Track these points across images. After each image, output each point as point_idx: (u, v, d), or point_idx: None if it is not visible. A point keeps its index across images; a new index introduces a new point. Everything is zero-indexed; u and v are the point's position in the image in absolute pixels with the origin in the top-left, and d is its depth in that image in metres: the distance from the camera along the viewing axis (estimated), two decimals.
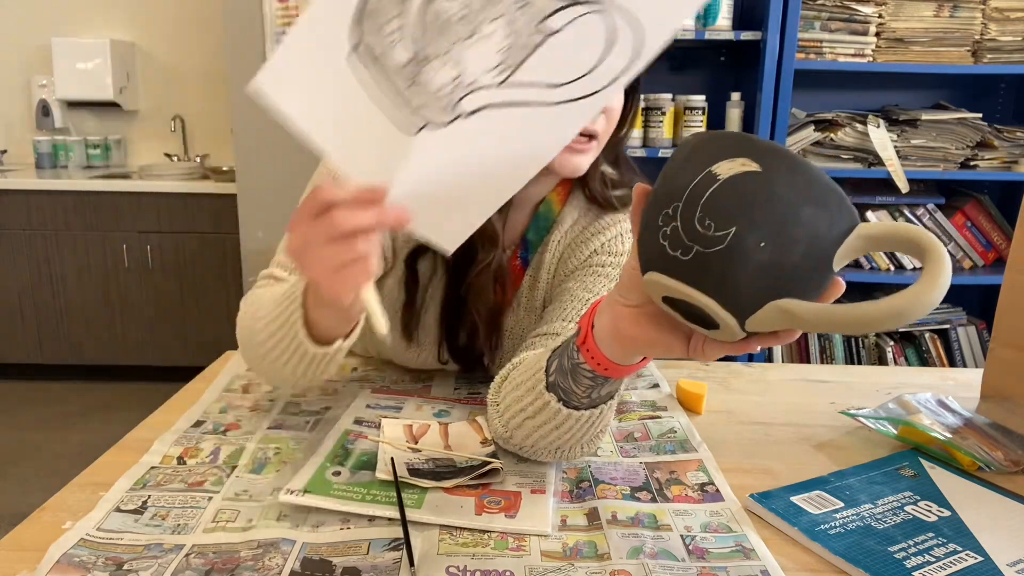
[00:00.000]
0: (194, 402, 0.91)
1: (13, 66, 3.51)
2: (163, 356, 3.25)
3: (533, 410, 0.71)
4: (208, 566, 0.59)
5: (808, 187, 0.48)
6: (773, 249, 0.47)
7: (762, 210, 0.47)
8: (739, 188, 0.48)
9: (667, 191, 0.51)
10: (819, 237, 0.48)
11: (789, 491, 0.72)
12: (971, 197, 2.54)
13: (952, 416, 0.88)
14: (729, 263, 0.48)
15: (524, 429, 0.73)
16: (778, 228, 0.47)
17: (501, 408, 0.76)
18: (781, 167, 0.48)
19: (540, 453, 0.75)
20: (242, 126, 2.84)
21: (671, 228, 0.50)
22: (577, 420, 0.69)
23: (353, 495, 0.68)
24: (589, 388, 0.66)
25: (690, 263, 0.49)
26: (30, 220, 3.12)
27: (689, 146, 0.53)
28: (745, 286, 0.48)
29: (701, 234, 0.48)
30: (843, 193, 0.49)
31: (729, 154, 0.49)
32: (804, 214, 0.47)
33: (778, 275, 0.48)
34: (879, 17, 2.33)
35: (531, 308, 0.93)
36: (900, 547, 0.63)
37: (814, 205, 0.48)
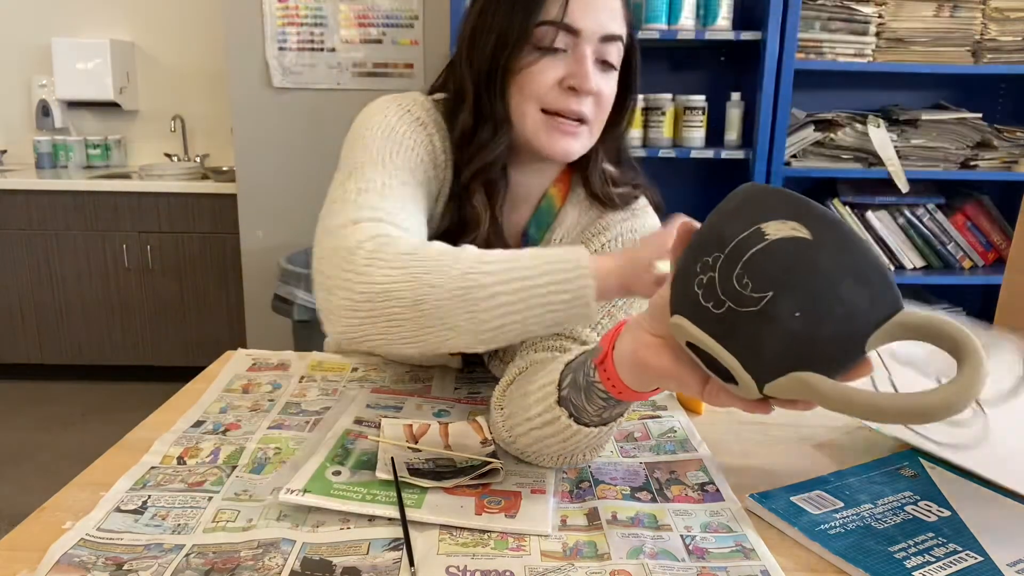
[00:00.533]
0: (194, 402, 0.91)
1: (13, 66, 3.51)
2: (163, 356, 3.25)
3: (541, 422, 0.71)
4: (208, 566, 0.59)
5: (855, 264, 0.47)
6: (806, 321, 0.46)
7: (803, 280, 0.47)
8: (784, 253, 0.47)
9: (711, 238, 0.51)
10: (856, 317, 0.47)
11: (789, 491, 0.72)
12: (971, 197, 2.53)
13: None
14: (759, 327, 0.47)
15: (529, 438, 0.73)
16: (815, 301, 0.46)
17: (506, 413, 0.76)
18: (831, 239, 0.47)
19: (542, 460, 0.75)
20: (242, 126, 2.84)
21: (707, 278, 0.49)
22: (586, 436, 0.70)
23: (353, 495, 0.68)
24: (601, 408, 0.67)
25: (720, 318, 0.49)
26: (30, 220, 3.12)
27: (742, 196, 0.52)
28: (770, 353, 0.48)
29: (737, 292, 0.48)
30: (889, 275, 0.48)
31: (782, 215, 0.48)
32: (844, 291, 0.46)
33: (806, 348, 0.47)
34: (879, 17, 2.33)
35: None
36: (900, 547, 0.63)
37: (857, 283, 0.47)
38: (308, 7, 2.77)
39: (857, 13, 2.32)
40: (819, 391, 0.47)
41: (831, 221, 0.48)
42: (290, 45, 2.79)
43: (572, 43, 0.80)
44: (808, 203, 0.49)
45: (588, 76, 0.79)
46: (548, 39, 0.79)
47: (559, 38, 0.79)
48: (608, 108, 0.85)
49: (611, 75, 0.84)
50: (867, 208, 2.48)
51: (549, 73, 0.80)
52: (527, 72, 0.81)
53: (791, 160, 2.41)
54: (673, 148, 2.41)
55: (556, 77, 0.80)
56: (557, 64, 0.80)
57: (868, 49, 2.35)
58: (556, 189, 0.93)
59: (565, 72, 0.80)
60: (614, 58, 0.83)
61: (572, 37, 0.80)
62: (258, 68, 2.81)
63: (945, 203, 2.50)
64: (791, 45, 2.28)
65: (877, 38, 2.35)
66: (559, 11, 0.78)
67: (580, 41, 0.80)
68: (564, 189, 0.93)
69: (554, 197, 0.92)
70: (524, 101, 0.82)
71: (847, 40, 2.34)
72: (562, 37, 0.79)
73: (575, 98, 0.80)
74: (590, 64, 0.80)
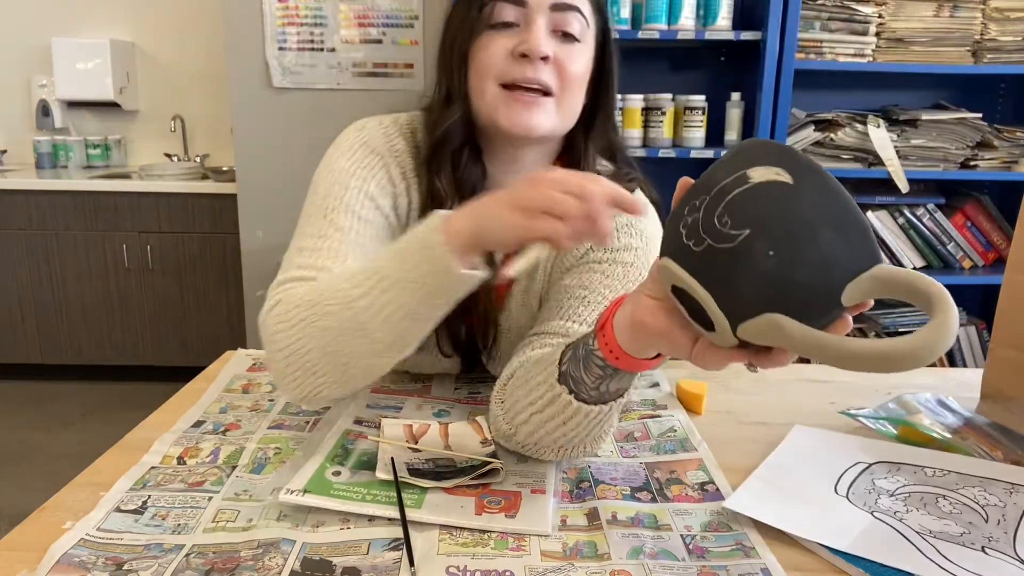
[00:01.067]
0: (194, 402, 0.91)
1: (13, 66, 3.51)
2: (163, 356, 3.25)
3: (543, 404, 0.71)
4: (208, 566, 0.59)
5: (834, 213, 0.48)
6: (780, 262, 0.47)
7: (780, 221, 0.47)
8: (765, 195, 0.48)
9: (701, 184, 0.52)
10: (831, 265, 0.47)
11: None
12: (971, 197, 2.54)
13: (952, 416, 0.88)
14: (734, 263, 0.48)
15: (530, 424, 0.73)
16: (791, 243, 0.47)
17: (507, 405, 0.76)
18: (814, 186, 0.48)
19: (544, 451, 0.75)
20: (242, 126, 2.84)
21: (692, 218, 0.51)
22: (586, 416, 0.69)
23: (353, 495, 0.68)
24: (599, 379, 0.66)
25: (699, 255, 0.50)
26: (30, 220, 3.12)
27: (736, 147, 0.53)
28: (744, 290, 0.48)
29: (716, 229, 0.49)
30: (868, 227, 0.48)
31: (768, 161, 0.49)
32: (821, 238, 0.47)
33: (779, 289, 0.47)
34: (879, 17, 2.33)
35: (527, 306, 0.92)
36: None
37: (835, 232, 0.47)
38: (308, 7, 2.77)
39: (857, 13, 2.32)
40: (790, 335, 0.47)
41: (815, 170, 0.49)
42: (290, 45, 2.79)
43: (523, 15, 0.81)
44: (795, 153, 0.50)
45: (536, 40, 0.79)
46: (497, 14, 0.81)
47: (508, 11, 0.80)
48: (576, 82, 0.83)
49: (574, 46, 0.82)
50: (867, 208, 2.48)
51: (498, 47, 0.81)
52: (480, 50, 0.82)
53: None
54: (673, 148, 2.41)
55: (507, 48, 0.80)
56: (508, 37, 0.81)
57: (868, 49, 2.35)
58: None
59: (516, 42, 0.80)
60: (575, 28, 0.82)
61: (521, 9, 0.80)
62: (258, 68, 2.81)
63: (945, 203, 2.50)
64: (791, 45, 2.28)
65: (877, 38, 2.35)
66: None
67: (529, 11, 0.80)
68: None
69: None
70: (481, 78, 0.82)
71: (847, 40, 2.34)
72: (510, 10, 0.80)
73: (530, 65, 0.79)
74: (540, 30, 0.80)
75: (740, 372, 1.07)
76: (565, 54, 0.81)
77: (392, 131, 0.88)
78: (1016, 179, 2.40)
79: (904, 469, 0.75)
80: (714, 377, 1.04)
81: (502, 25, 0.81)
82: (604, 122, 0.90)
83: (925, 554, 0.61)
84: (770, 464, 0.77)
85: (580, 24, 0.82)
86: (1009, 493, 0.70)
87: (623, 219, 0.90)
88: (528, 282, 0.92)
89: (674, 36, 2.32)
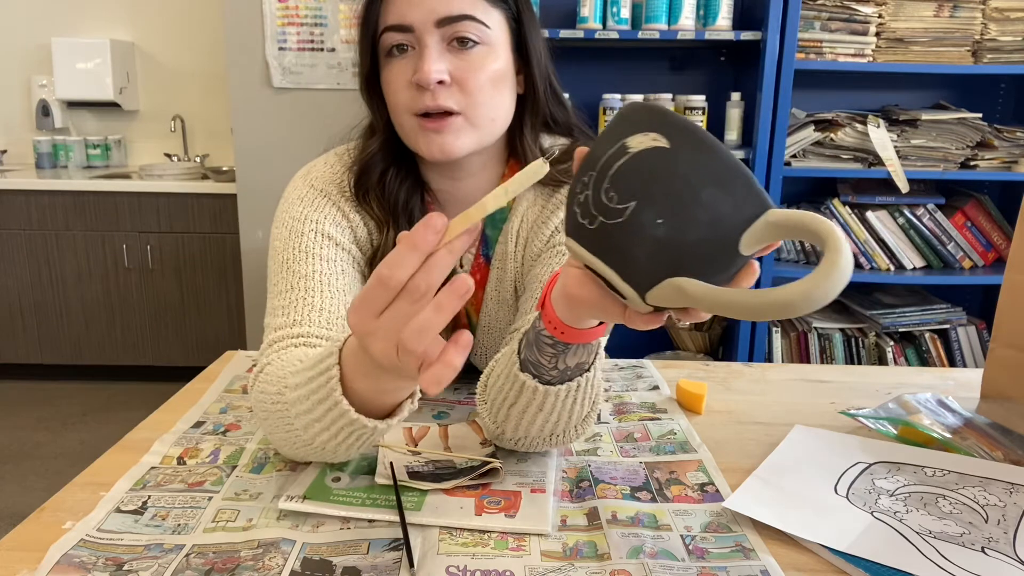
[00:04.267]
0: (194, 402, 0.91)
1: (13, 66, 3.51)
2: (163, 356, 3.25)
3: (513, 395, 0.70)
4: (208, 566, 0.59)
5: (712, 168, 0.48)
6: (670, 227, 0.47)
7: (662, 187, 0.48)
8: (644, 163, 0.49)
9: (589, 158, 0.52)
10: (721, 221, 0.47)
11: None
12: (971, 197, 2.54)
13: (952, 416, 0.88)
14: (627, 237, 0.49)
15: (511, 420, 0.72)
16: (676, 206, 0.47)
17: (489, 404, 0.75)
18: (688, 146, 0.48)
19: (535, 442, 0.74)
20: (242, 126, 2.84)
21: (584, 196, 0.51)
22: (556, 397, 0.68)
23: (353, 500, 0.68)
24: (553, 357, 0.66)
25: (595, 233, 0.50)
26: (30, 220, 3.12)
27: (616, 115, 0.53)
28: (642, 261, 0.49)
29: (605, 206, 0.49)
30: (751, 178, 0.49)
31: (644, 128, 0.50)
32: (705, 195, 0.47)
33: (674, 254, 0.48)
34: (879, 17, 2.33)
35: (502, 301, 0.92)
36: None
37: (717, 187, 0.48)
38: (308, 7, 2.77)
39: (857, 13, 2.32)
40: (692, 295, 0.48)
41: (689, 129, 0.49)
42: (290, 45, 2.79)
43: (413, 38, 0.80)
44: (668, 114, 0.50)
45: (426, 69, 0.77)
46: (388, 41, 0.81)
47: (396, 37, 0.80)
48: (484, 90, 0.80)
49: (474, 52, 0.80)
50: (867, 208, 2.48)
51: (399, 77, 0.80)
52: (386, 82, 0.82)
53: (791, 160, 2.41)
54: None
55: (406, 78, 0.80)
56: (405, 64, 0.80)
57: (868, 49, 2.35)
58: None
59: (413, 70, 0.79)
60: (471, 33, 0.79)
61: (409, 34, 0.79)
62: (258, 68, 2.81)
63: (945, 203, 2.50)
64: (791, 45, 2.28)
65: (877, 38, 2.35)
66: (387, 14, 0.80)
67: (417, 35, 0.79)
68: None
69: None
70: (395, 113, 0.83)
71: (847, 40, 2.34)
72: (398, 36, 0.80)
73: (428, 93, 0.78)
74: (430, 55, 0.78)
75: (740, 372, 1.07)
76: (465, 67, 0.79)
77: (337, 167, 0.90)
78: (1016, 179, 2.40)
79: (904, 469, 0.75)
80: (714, 377, 1.04)
81: (397, 50, 0.80)
82: (535, 106, 0.88)
83: (925, 554, 0.61)
84: (770, 464, 0.77)
85: (475, 28, 0.79)
86: (1009, 493, 0.70)
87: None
88: (500, 273, 0.91)
89: (674, 36, 2.32)
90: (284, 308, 0.79)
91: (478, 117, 0.81)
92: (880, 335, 2.54)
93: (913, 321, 2.52)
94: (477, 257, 0.93)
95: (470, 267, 0.93)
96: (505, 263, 0.91)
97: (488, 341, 0.94)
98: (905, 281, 2.53)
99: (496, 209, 0.50)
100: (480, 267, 0.93)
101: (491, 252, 0.92)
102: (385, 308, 0.50)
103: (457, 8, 0.78)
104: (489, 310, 0.93)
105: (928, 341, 2.52)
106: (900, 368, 1.50)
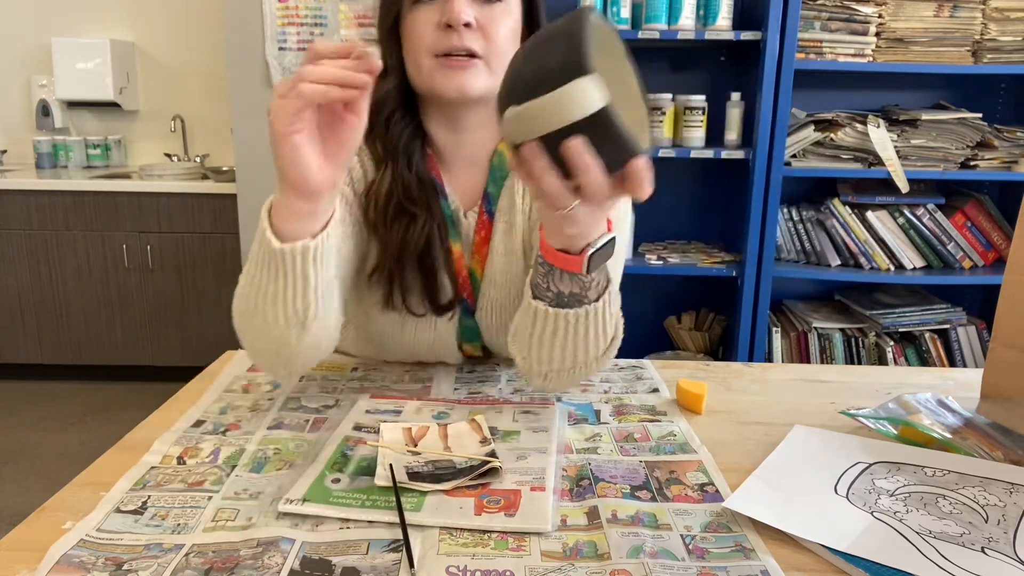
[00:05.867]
0: (194, 402, 0.91)
1: (13, 66, 3.51)
2: (163, 356, 3.26)
3: (530, 323, 0.80)
4: (208, 565, 0.59)
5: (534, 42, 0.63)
6: (514, 72, 0.63)
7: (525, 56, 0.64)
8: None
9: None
10: (547, 67, 0.60)
11: None
12: (971, 197, 2.54)
13: (952, 416, 0.88)
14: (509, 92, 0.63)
15: (533, 350, 0.82)
16: (526, 57, 0.63)
17: (516, 341, 0.85)
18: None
19: (560, 377, 0.84)
20: (242, 126, 2.84)
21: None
22: (567, 323, 0.77)
23: (353, 502, 0.68)
24: (544, 277, 0.76)
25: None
26: (30, 220, 3.12)
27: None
28: (502, 99, 0.63)
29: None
30: (575, 41, 0.58)
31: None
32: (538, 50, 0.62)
33: (511, 86, 0.62)
34: (879, 17, 2.34)
35: (509, 252, 0.97)
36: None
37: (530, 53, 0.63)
38: (308, 7, 2.77)
39: (857, 13, 2.32)
40: (516, 114, 0.61)
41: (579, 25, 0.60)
42: (290, 45, 2.79)
43: None
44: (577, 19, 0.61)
45: (454, 9, 0.84)
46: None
47: None
48: (502, 43, 0.88)
49: (495, 7, 0.88)
50: (867, 208, 2.48)
51: (426, 21, 0.87)
52: (410, 25, 0.88)
53: (791, 160, 2.41)
54: (673, 148, 2.41)
55: (433, 21, 0.86)
56: (432, 10, 0.87)
57: (868, 49, 2.35)
58: (504, 145, 0.97)
59: (440, 15, 0.86)
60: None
61: None
62: (258, 68, 2.81)
63: (945, 203, 2.50)
64: (791, 45, 2.28)
65: (877, 38, 2.35)
66: None
67: None
68: None
69: (504, 152, 0.97)
70: (415, 53, 0.89)
71: (847, 40, 2.34)
72: None
73: (455, 34, 0.85)
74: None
75: (740, 372, 1.07)
76: (488, 17, 0.87)
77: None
78: (1016, 179, 2.40)
79: (904, 469, 0.75)
80: (714, 377, 1.04)
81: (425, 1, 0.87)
82: None
83: (925, 554, 0.61)
84: (770, 464, 0.77)
85: None
86: (1009, 493, 0.70)
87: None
88: (507, 227, 0.96)
89: (674, 36, 2.32)
90: None
91: (495, 64, 0.88)
92: (880, 335, 2.54)
93: (913, 321, 2.52)
94: (481, 214, 0.97)
95: (475, 223, 0.97)
96: (513, 216, 0.97)
97: (495, 294, 0.97)
98: (905, 281, 2.53)
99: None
100: (484, 224, 0.97)
101: (494, 208, 0.97)
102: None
103: None
104: (495, 263, 0.97)
105: (928, 341, 2.52)
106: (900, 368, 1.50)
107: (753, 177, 2.35)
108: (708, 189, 2.71)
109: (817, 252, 2.55)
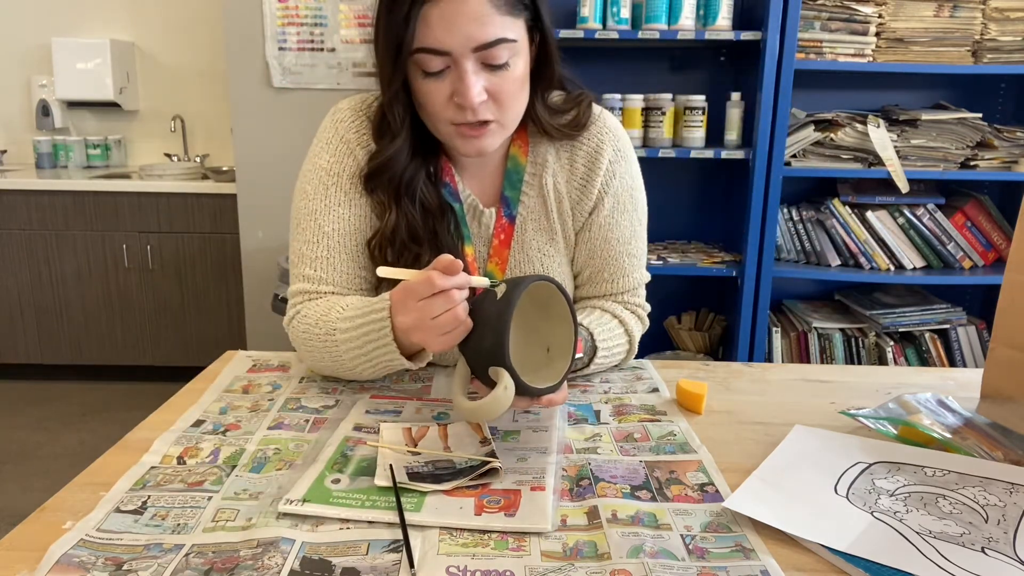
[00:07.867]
0: (194, 402, 0.91)
1: (13, 66, 3.51)
2: (163, 356, 3.26)
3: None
4: (208, 565, 0.59)
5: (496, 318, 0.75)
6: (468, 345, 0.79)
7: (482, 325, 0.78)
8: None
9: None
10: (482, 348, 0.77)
11: None
12: (971, 197, 2.53)
13: (952, 416, 0.88)
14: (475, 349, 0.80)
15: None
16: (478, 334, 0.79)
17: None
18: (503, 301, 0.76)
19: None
20: (242, 126, 2.84)
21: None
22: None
23: (353, 502, 0.68)
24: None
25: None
26: (30, 220, 3.12)
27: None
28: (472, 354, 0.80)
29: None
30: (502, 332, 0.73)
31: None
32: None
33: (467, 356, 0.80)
34: (879, 17, 2.33)
35: (540, 228, 1.02)
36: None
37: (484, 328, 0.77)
38: (308, 7, 2.77)
39: (857, 13, 2.32)
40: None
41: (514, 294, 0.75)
42: (290, 45, 2.79)
43: (450, 61, 0.85)
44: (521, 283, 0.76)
45: (468, 93, 0.85)
46: (426, 65, 0.85)
47: (434, 62, 0.85)
48: (514, 96, 0.89)
49: (505, 70, 0.87)
50: (867, 208, 2.48)
51: (438, 94, 0.87)
52: (422, 94, 0.89)
53: (791, 160, 2.41)
54: (673, 148, 2.41)
55: (445, 96, 0.87)
56: (443, 83, 0.86)
57: (868, 49, 2.35)
58: (516, 148, 1.00)
59: (451, 89, 0.86)
60: (503, 58, 0.85)
61: (446, 58, 0.84)
62: (258, 68, 2.81)
63: (945, 203, 2.50)
64: (791, 45, 2.28)
65: (877, 38, 2.35)
66: (423, 36, 0.83)
67: (454, 58, 0.84)
68: (523, 144, 1.00)
69: (517, 156, 1.00)
70: (431, 119, 0.91)
71: (847, 40, 2.34)
72: (437, 61, 0.84)
73: (469, 111, 0.86)
74: (469, 79, 0.84)
75: (740, 372, 1.07)
76: (499, 83, 0.87)
77: (361, 115, 0.99)
78: (1016, 179, 2.40)
79: (904, 469, 0.75)
80: (714, 377, 1.04)
81: (435, 74, 0.86)
82: (547, 84, 0.96)
83: (925, 554, 0.61)
84: (770, 464, 0.77)
85: (507, 48, 0.85)
86: (1009, 493, 0.70)
87: (605, 160, 1.00)
88: (540, 212, 1.02)
89: (674, 36, 2.32)
90: (312, 261, 0.97)
91: (509, 121, 0.92)
92: (880, 335, 2.54)
93: (913, 321, 2.52)
94: (499, 217, 1.01)
95: (494, 224, 1.00)
96: (546, 194, 1.01)
97: (523, 259, 1.02)
98: (905, 281, 2.53)
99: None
100: (504, 227, 1.00)
101: (514, 211, 1.00)
102: (422, 299, 0.77)
103: (491, 34, 0.83)
104: (527, 238, 1.02)
105: (928, 341, 2.52)
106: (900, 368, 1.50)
107: (753, 177, 2.35)
108: (708, 189, 2.70)
109: (817, 252, 2.55)
